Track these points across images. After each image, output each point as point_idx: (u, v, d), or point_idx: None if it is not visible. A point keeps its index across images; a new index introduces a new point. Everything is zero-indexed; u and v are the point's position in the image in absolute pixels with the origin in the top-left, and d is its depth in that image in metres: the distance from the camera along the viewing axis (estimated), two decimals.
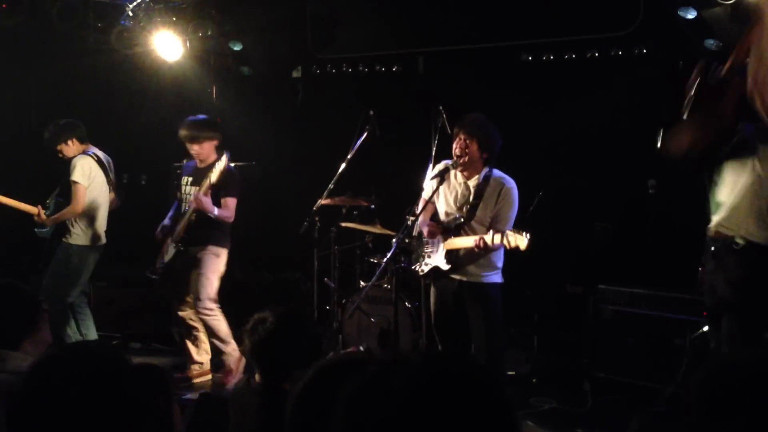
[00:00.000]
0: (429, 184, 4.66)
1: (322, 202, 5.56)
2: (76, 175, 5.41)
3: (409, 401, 1.07)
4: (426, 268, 4.70)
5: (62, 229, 5.54)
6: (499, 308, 4.53)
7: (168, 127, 7.48)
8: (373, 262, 5.90)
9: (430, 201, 4.60)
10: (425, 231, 4.67)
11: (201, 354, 5.55)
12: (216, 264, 5.31)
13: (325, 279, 6.08)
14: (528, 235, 4.06)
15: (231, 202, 5.27)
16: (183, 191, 5.45)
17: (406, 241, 5.27)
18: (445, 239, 4.53)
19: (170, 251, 5.39)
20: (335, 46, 7.05)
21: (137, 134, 7.22)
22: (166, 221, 5.51)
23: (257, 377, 2.77)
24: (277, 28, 6.96)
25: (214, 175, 5.06)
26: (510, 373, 5.25)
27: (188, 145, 5.39)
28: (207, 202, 5.10)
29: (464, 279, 4.50)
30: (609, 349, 5.37)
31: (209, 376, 5.56)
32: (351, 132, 5.62)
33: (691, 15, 5.21)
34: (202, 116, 5.49)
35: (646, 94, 5.94)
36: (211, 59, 7.14)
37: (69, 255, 5.48)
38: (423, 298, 5.11)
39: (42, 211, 5.51)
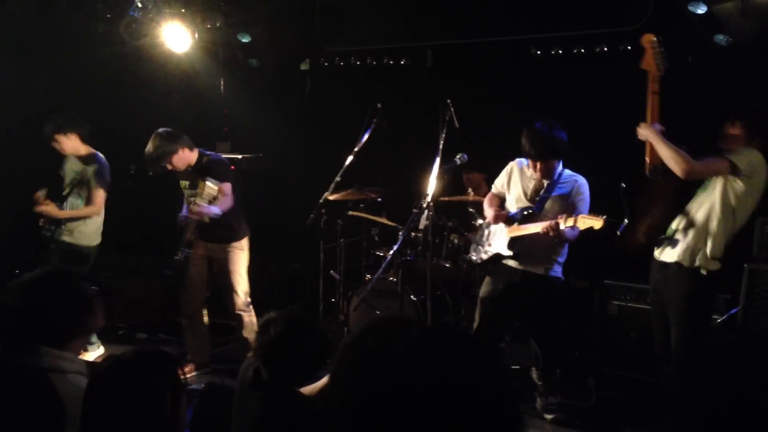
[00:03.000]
0: (501, 178, 4.80)
1: (329, 197, 5.55)
2: (103, 180, 5.60)
3: (409, 370, 1.07)
4: (485, 256, 4.71)
5: (68, 231, 5.61)
6: (559, 303, 4.62)
7: (176, 119, 7.52)
8: (379, 255, 5.91)
9: (498, 194, 4.81)
10: (490, 215, 4.69)
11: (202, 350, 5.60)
12: (244, 259, 5.44)
13: (331, 271, 6.09)
14: (604, 216, 4.16)
15: (226, 188, 5.18)
16: (186, 196, 5.45)
17: (413, 234, 5.28)
18: (509, 226, 4.58)
19: (180, 254, 5.27)
20: (344, 39, 7.04)
21: (145, 125, 7.20)
22: (184, 211, 5.45)
23: (264, 374, 2.82)
24: (286, 20, 6.96)
25: (202, 200, 4.98)
26: (515, 367, 5.26)
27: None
28: (203, 211, 5.02)
29: (527, 270, 4.54)
30: (614, 345, 5.37)
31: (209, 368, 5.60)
32: (359, 124, 5.62)
33: (702, 10, 5.17)
34: (160, 131, 5.33)
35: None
36: (220, 51, 7.14)
37: (81, 255, 5.59)
38: (429, 292, 5.12)
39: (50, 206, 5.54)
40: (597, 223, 4.15)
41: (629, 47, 5.91)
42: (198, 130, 7.50)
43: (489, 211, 4.73)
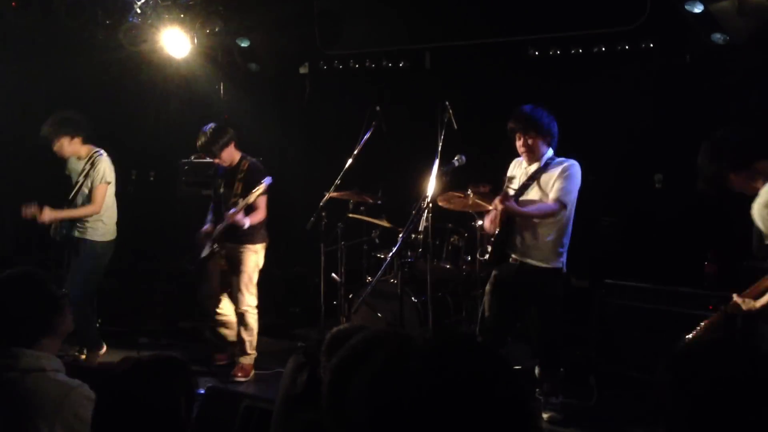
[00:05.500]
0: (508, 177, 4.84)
1: (330, 194, 5.57)
2: (107, 177, 5.62)
3: (427, 384, 1.10)
4: (488, 255, 4.78)
5: (80, 228, 5.64)
6: (558, 295, 4.63)
7: (176, 124, 7.55)
8: (380, 257, 5.92)
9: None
10: (486, 225, 4.77)
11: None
12: (255, 260, 5.54)
13: (332, 274, 6.10)
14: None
15: (261, 202, 5.42)
16: (219, 193, 5.61)
17: (413, 236, 5.30)
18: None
19: (206, 249, 5.53)
20: (342, 42, 7.06)
21: (145, 131, 7.27)
22: (207, 225, 5.62)
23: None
24: (285, 24, 6.98)
25: (251, 197, 5.19)
26: (516, 367, 5.26)
27: (209, 157, 5.54)
28: (239, 219, 5.25)
29: (525, 261, 4.57)
30: (615, 344, 5.38)
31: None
32: (358, 127, 5.64)
33: (698, 9, 5.18)
34: (209, 126, 5.50)
35: (652, 89, 5.94)
36: (219, 56, 7.16)
37: (96, 251, 5.66)
38: (429, 293, 5.14)
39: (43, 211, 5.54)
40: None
41: (627, 47, 5.93)
42: (198, 135, 7.53)
43: (486, 221, 4.80)
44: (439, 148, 4.97)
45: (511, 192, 4.59)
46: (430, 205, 4.84)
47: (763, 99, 5.40)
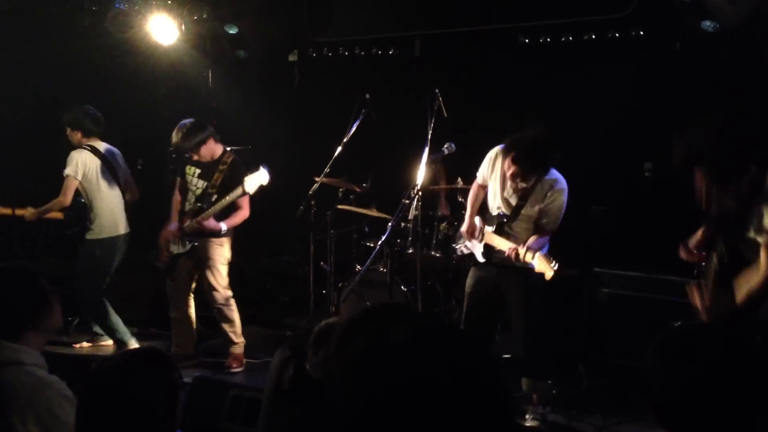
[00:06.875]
0: (484, 166, 4.61)
1: (318, 179, 5.53)
2: (67, 169, 5.54)
3: (406, 363, 1.09)
4: (466, 251, 4.72)
5: (87, 227, 5.65)
6: (539, 293, 4.46)
7: (164, 112, 7.48)
8: (370, 245, 5.91)
9: (482, 184, 4.65)
10: (465, 226, 4.64)
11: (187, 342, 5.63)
12: (222, 253, 5.37)
13: (321, 263, 6.09)
14: (556, 265, 4.07)
15: (244, 201, 5.31)
16: (190, 182, 5.42)
17: (402, 224, 5.28)
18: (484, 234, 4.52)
19: (179, 246, 5.40)
20: (331, 30, 7.01)
21: (133, 118, 7.19)
22: (173, 224, 5.47)
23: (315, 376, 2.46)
24: (273, 11, 6.92)
25: (230, 197, 5.12)
26: (506, 356, 5.26)
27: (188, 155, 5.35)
28: (212, 225, 5.18)
29: (505, 264, 4.43)
30: (604, 332, 5.39)
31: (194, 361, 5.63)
32: (347, 115, 5.60)
33: None
34: (186, 122, 5.30)
35: (643, 77, 5.92)
36: (207, 43, 7.09)
37: (89, 250, 5.63)
38: (419, 282, 5.12)
39: (26, 211, 5.59)
40: (548, 271, 4.07)
41: (617, 35, 5.91)
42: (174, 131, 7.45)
43: (467, 211, 4.69)
44: (429, 136, 4.94)
45: (499, 212, 4.51)
46: (420, 193, 4.81)
47: (753, 87, 5.40)
